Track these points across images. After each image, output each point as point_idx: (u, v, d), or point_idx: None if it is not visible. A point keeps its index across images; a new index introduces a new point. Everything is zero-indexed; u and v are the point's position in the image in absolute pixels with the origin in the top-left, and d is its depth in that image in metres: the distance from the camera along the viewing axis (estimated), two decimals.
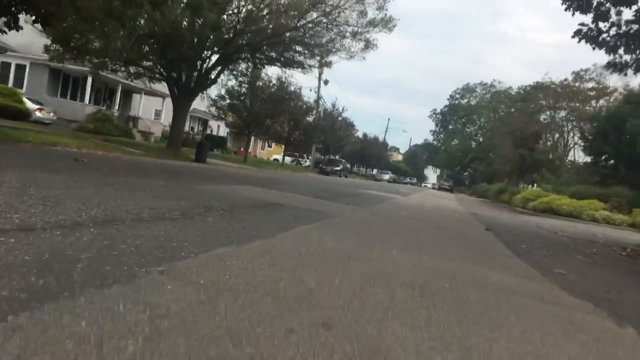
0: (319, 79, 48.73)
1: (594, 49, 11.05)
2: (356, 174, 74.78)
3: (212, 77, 25.55)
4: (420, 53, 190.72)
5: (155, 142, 33.55)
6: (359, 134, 75.08)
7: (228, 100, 33.74)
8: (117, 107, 35.10)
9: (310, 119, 45.71)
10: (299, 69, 26.55)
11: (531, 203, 29.00)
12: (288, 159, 62.33)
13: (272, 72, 40.46)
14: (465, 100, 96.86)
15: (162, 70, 23.73)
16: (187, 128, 49.34)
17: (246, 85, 32.87)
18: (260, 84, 33.25)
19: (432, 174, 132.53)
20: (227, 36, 22.71)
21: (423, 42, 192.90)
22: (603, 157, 29.89)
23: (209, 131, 55.78)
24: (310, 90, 47.10)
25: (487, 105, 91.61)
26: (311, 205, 9.28)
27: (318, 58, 25.60)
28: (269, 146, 70.99)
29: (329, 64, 25.99)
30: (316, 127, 43.98)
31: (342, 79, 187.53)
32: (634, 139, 26.71)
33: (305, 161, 60.99)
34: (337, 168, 51.04)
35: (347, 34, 23.67)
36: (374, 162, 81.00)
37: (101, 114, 30.35)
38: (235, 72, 31.95)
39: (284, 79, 33.83)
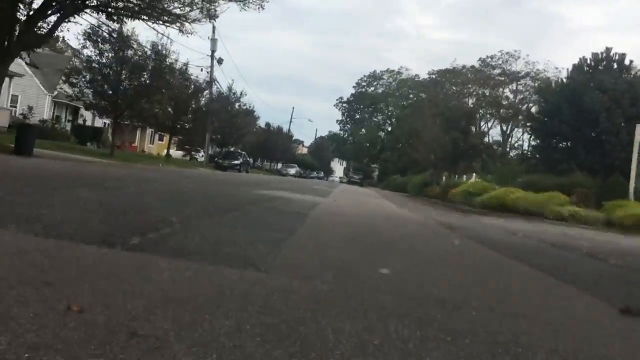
0: (212, 56, 41.08)
1: None
2: (259, 169, 67.50)
3: (43, 31, 17.48)
4: (321, 48, 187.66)
5: None
6: (262, 124, 67.96)
7: (89, 76, 25.33)
8: None
9: (202, 102, 37.93)
10: (176, 26, 19.11)
11: (477, 198, 23.46)
12: (180, 153, 54.00)
13: (145, 36, 32.10)
14: (372, 88, 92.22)
15: None
16: (48, 116, 39.97)
17: (110, 54, 24.73)
18: (130, 53, 25.21)
19: (339, 167, 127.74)
20: None
21: (323, 38, 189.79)
22: (554, 139, 25.01)
23: (80, 121, 46.30)
24: (202, 70, 39.32)
25: (394, 93, 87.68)
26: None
27: (200, 7, 18.22)
28: (160, 139, 61.90)
29: (213, 16, 18.72)
30: (208, 113, 36.25)
31: (241, 72, 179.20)
32: (595, 115, 21.77)
33: (202, 155, 52.85)
34: (236, 162, 43.73)
35: None
36: (279, 155, 74.03)
37: None
38: (93, 36, 23.83)
39: (160, 47, 25.98)
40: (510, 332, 2.55)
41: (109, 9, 18.30)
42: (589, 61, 24.25)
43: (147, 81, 25.49)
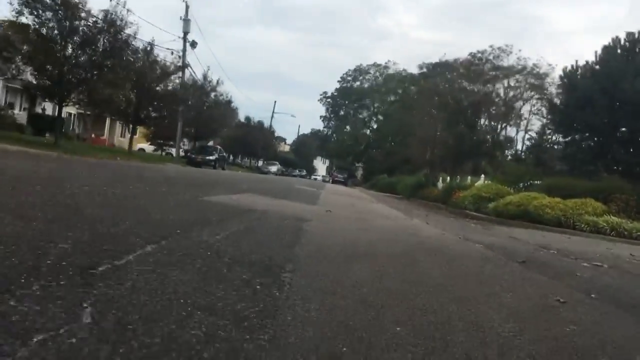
0: (184, 39, 36.75)
1: None
2: (238, 166, 63.18)
3: None
4: (305, 46, 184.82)
5: None
6: (241, 118, 63.64)
7: (26, 49, 20.90)
8: None
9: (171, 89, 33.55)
10: None
11: (491, 205, 19.62)
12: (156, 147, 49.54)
13: (99, 4, 27.55)
14: (358, 83, 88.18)
15: None
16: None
17: (52, 23, 20.40)
18: (78, 23, 20.88)
19: (321, 165, 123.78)
20: None
21: (307, 36, 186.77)
22: (579, 135, 21.21)
23: (39, 110, 41.60)
24: (172, 53, 34.94)
25: (380, 88, 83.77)
26: None
27: None
28: (133, 133, 57.17)
29: None
30: (179, 101, 31.91)
31: (220, 63, 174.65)
32: (638, 106, 18.00)
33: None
34: (211, 157, 39.43)
35: None
36: (259, 152, 69.65)
37: None
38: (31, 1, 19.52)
39: (115, 17, 21.61)
40: None
41: None
42: (622, 42, 20.56)
43: (99, 58, 21.18)
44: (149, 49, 28.54)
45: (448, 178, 29.56)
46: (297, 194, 14.48)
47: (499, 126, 36.13)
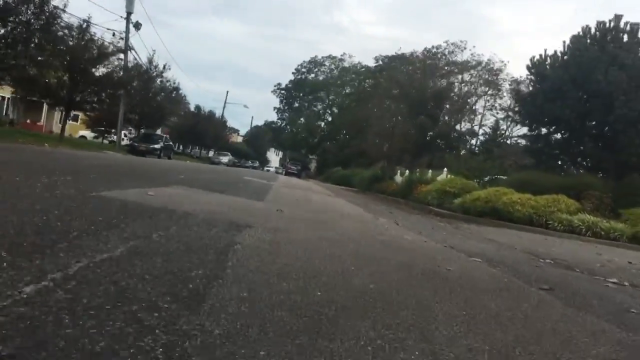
0: (127, 19, 33.91)
1: None
2: (188, 156, 60.20)
3: None
4: (259, 39, 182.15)
5: None
6: (193, 107, 60.71)
7: None
8: None
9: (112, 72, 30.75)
10: None
11: (456, 200, 18.20)
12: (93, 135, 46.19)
13: None
14: (313, 75, 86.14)
15: None
16: None
17: None
18: None
19: (275, 157, 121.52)
20: None
21: (261, 29, 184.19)
22: (546, 128, 19.94)
23: None
24: (114, 34, 32.10)
25: (336, 81, 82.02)
26: None
27: None
28: (74, 119, 53.43)
29: None
30: (118, 84, 29.21)
31: (168, 55, 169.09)
32: (611, 98, 16.82)
33: (123, 138, 45.17)
34: (155, 146, 36.74)
35: None
36: (210, 142, 66.75)
37: None
38: None
39: None
40: None
41: None
42: (593, 31, 19.39)
43: (22, 32, 18.52)
44: (84, 26, 25.76)
45: (407, 171, 28.13)
46: (243, 186, 12.51)
47: (453, 121, 35.04)
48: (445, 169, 22.81)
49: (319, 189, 23.01)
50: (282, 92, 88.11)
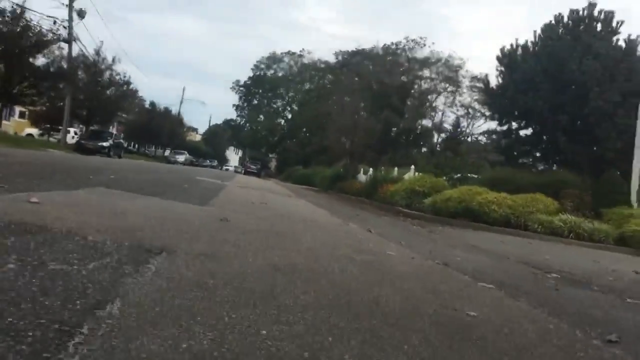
0: (70, 5, 31.44)
1: None
2: (142, 155, 57.39)
3: None
4: (216, 36, 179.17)
5: None
6: (146, 103, 57.93)
7: None
8: None
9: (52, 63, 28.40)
10: None
11: (427, 200, 16.92)
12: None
13: None
14: (272, 72, 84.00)
15: None
16: None
17: None
18: None
19: (234, 156, 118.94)
20: None
21: (219, 25, 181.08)
22: (517, 122, 18.79)
23: None
24: (55, 22, 29.63)
25: (295, 78, 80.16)
26: None
27: None
28: (21, 116, 50.03)
29: None
30: (59, 75, 26.88)
31: (118, 48, 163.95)
32: (585, 89, 15.79)
33: (73, 136, 42.25)
34: (104, 144, 34.33)
35: None
36: (166, 140, 64.00)
37: None
38: None
39: None
40: None
41: None
42: (566, 19, 18.35)
43: None
44: (19, 11, 23.43)
45: (370, 170, 26.79)
46: (190, 187, 10.81)
47: (416, 117, 33.99)
48: (413, 167, 21.55)
49: (279, 189, 21.39)
50: (241, 88, 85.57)
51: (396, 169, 23.86)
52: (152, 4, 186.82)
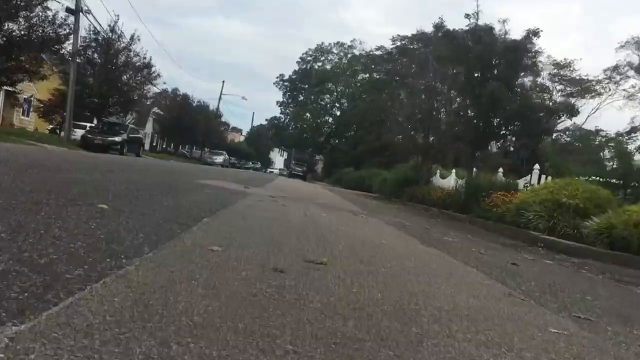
0: None
1: None
2: (169, 154, 50.98)
3: None
4: (265, 39, 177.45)
5: None
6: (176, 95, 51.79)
7: None
8: None
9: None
10: None
11: (591, 223, 9.31)
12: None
13: None
14: (320, 64, 76.96)
15: None
16: None
17: None
18: None
19: (279, 158, 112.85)
20: None
21: (268, 29, 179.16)
22: None
23: None
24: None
25: (345, 72, 72.92)
26: None
27: None
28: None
29: None
30: (39, 43, 20.57)
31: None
32: None
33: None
34: (116, 138, 28.12)
35: None
36: (202, 138, 57.62)
37: None
38: None
39: None
40: None
41: None
42: None
43: None
44: None
45: (453, 172, 19.51)
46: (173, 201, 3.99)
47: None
48: (537, 167, 14.24)
49: (332, 198, 14.38)
50: (286, 84, 78.94)
51: (500, 170, 16.49)
52: (203, 8, 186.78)
